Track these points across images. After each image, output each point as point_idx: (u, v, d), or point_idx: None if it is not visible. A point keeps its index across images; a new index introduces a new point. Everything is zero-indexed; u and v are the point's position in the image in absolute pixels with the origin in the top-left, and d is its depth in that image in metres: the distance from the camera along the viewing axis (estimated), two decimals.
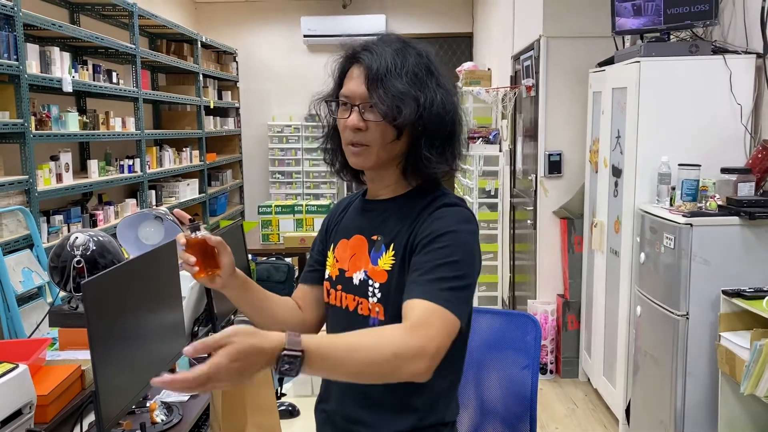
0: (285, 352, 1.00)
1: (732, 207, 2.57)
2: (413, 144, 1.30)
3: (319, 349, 1.03)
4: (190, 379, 0.95)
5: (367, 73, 1.26)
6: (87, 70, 4.29)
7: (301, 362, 1.00)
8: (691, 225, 2.57)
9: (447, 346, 1.14)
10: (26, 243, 3.28)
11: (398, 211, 1.34)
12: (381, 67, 1.25)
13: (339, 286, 1.39)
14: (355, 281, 1.34)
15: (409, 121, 1.25)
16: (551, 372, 4.14)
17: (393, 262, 1.29)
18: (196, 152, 6.26)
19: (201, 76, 6.42)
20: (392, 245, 1.31)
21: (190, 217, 1.34)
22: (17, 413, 1.55)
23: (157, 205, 5.21)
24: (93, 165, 4.34)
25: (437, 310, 1.14)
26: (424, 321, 1.13)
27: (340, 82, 1.33)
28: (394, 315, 1.26)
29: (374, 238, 1.34)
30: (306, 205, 4.45)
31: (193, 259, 1.27)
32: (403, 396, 1.30)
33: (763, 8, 2.71)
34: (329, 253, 1.44)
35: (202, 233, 1.28)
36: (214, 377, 0.96)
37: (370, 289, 1.31)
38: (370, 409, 1.32)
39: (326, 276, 1.43)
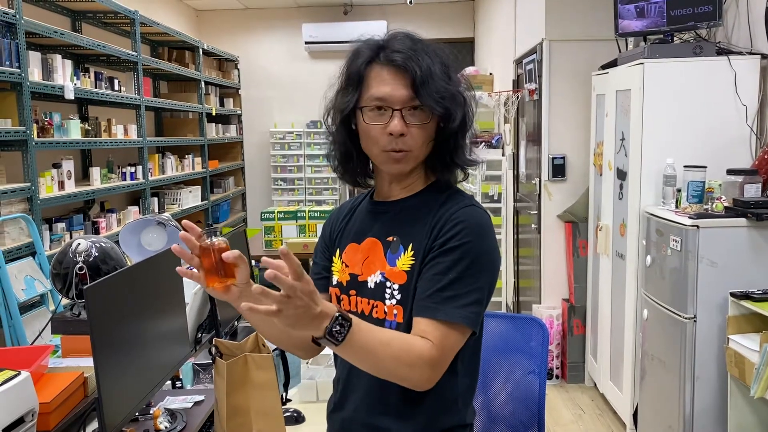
0: (339, 314, 1.07)
1: (739, 208, 2.55)
2: (440, 140, 1.28)
3: (362, 329, 1.11)
4: (288, 281, 1.00)
5: (413, 75, 1.20)
6: (89, 77, 4.29)
7: (349, 329, 1.08)
8: (697, 227, 2.55)
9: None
10: (29, 251, 3.26)
11: (414, 210, 1.31)
12: (423, 68, 1.20)
13: (352, 291, 1.34)
14: (371, 284, 1.31)
15: (459, 120, 1.24)
16: (557, 377, 4.11)
17: (412, 262, 1.27)
18: (198, 159, 6.26)
19: (203, 83, 6.43)
20: (410, 245, 1.28)
21: (201, 231, 1.20)
22: (19, 421, 1.53)
23: (159, 213, 5.20)
24: (95, 172, 4.34)
25: (455, 327, 1.20)
26: (445, 341, 1.19)
27: (360, 86, 1.25)
28: (412, 317, 1.24)
29: (390, 239, 1.31)
30: (309, 211, 4.44)
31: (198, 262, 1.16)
32: (423, 400, 1.27)
33: (767, 8, 2.69)
34: (335, 259, 1.40)
35: (219, 239, 1.17)
36: (294, 294, 1.01)
37: (388, 291, 1.28)
38: (390, 415, 1.29)
39: (334, 282, 1.39)
